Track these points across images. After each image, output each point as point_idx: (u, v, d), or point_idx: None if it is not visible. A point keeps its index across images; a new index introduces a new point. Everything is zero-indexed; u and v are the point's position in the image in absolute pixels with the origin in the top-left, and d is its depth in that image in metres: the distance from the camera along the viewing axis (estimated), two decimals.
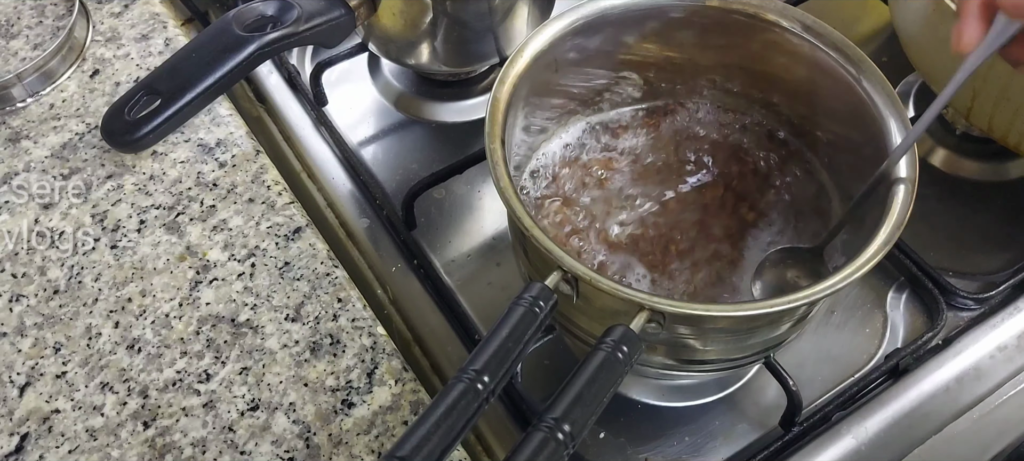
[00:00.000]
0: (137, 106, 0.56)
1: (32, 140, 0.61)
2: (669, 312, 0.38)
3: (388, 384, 0.49)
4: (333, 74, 0.68)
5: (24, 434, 0.48)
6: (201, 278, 0.54)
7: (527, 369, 0.53)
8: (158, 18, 0.69)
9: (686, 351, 0.44)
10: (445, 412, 0.35)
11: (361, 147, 0.66)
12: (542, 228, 0.40)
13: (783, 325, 0.44)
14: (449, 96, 0.69)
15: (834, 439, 0.51)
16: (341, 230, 0.62)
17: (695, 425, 0.52)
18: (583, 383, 0.36)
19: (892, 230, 0.40)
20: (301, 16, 0.58)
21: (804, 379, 0.52)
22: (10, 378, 0.50)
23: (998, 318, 0.56)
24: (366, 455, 0.47)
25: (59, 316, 0.52)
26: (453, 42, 0.63)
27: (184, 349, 0.51)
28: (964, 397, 0.53)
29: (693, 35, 0.51)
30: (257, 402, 0.49)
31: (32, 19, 0.68)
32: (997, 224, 0.60)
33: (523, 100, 0.48)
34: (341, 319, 0.52)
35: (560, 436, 0.34)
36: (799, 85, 0.50)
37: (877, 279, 0.57)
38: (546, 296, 0.39)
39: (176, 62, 0.57)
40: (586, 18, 0.49)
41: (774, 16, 0.49)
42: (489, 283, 0.58)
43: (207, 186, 0.58)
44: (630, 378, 0.50)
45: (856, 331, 0.55)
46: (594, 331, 0.41)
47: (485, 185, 0.63)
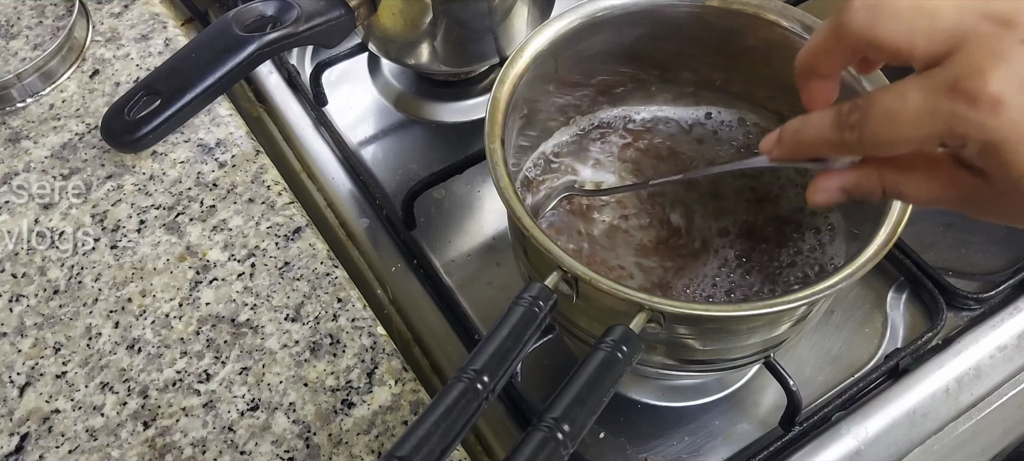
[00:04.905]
0: (137, 106, 0.56)
1: (32, 140, 0.61)
2: (669, 312, 0.38)
3: (388, 384, 0.49)
4: (333, 74, 0.68)
5: (24, 434, 0.48)
6: (201, 278, 0.54)
7: (527, 369, 0.53)
8: (158, 18, 0.69)
9: (686, 351, 0.44)
10: (445, 412, 0.35)
11: (361, 147, 0.66)
12: (541, 228, 0.40)
13: (783, 325, 0.44)
14: (449, 96, 0.69)
15: (834, 439, 0.51)
16: (341, 230, 0.62)
17: (695, 425, 0.52)
18: (583, 383, 0.36)
19: (892, 230, 0.40)
20: (301, 16, 0.58)
21: (804, 379, 0.52)
22: (10, 378, 0.50)
23: (998, 318, 0.56)
24: (366, 455, 0.47)
25: (59, 316, 0.52)
26: (453, 42, 0.63)
27: (184, 349, 0.51)
28: (964, 397, 0.53)
29: (693, 35, 0.51)
30: (257, 402, 0.49)
31: (32, 19, 0.68)
32: (997, 225, 0.60)
33: (523, 100, 0.48)
34: (341, 319, 0.52)
35: (560, 436, 0.34)
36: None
37: (877, 279, 0.57)
38: (546, 296, 0.39)
39: (176, 62, 0.57)
40: (586, 18, 0.49)
41: (774, 16, 0.49)
42: (489, 283, 0.58)
43: (207, 186, 0.58)
44: (630, 378, 0.50)
45: (856, 331, 0.55)
46: (594, 331, 0.41)
47: (485, 185, 0.63)
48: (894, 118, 0.30)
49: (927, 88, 0.30)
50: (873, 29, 0.31)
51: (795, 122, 0.36)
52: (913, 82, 0.30)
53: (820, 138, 0.34)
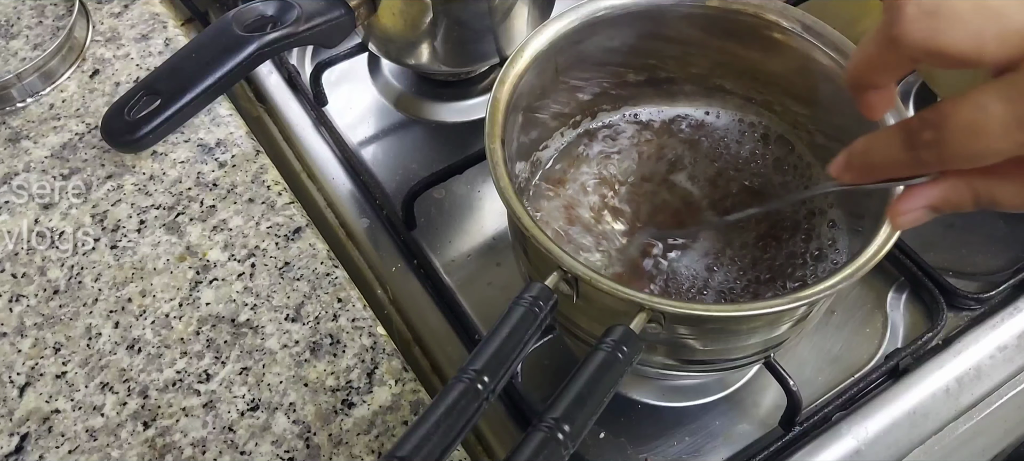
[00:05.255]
0: (137, 106, 0.56)
1: (32, 140, 0.61)
2: (669, 312, 0.38)
3: (388, 384, 0.49)
4: (333, 74, 0.68)
5: (24, 434, 0.48)
6: (201, 278, 0.54)
7: (527, 369, 0.53)
8: (158, 18, 0.69)
9: (686, 351, 0.44)
10: (445, 412, 0.35)
11: (361, 147, 0.66)
12: (541, 228, 0.40)
13: (783, 325, 0.44)
14: (449, 96, 0.69)
15: (834, 439, 0.51)
16: (341, 230, 0.62)
17: (695, 425, 0.52)
18: (583, 383, 0.36)
19: (892, 230, 0.40)
20: (301, 16, 0.58)
21: (804, 379, 0.52)
22: (10, 378, 0.50)
23: (998, 318, 0.56)
24: (366, 455, 0.47)
25: (59, 316, 0.52)
26: (453, 42, 0.63)
27: (184, 349, 0.51)
28: (964, 397, 0.53)
29: (693, 35, 0.51)
30: (257, 402, 0.49)
31: (32, 19, 0.68)
32: (997, 224, 0.60)
33: (523, 100, 0.48)
34: (341, 319, 0.52)
35: (560, 436, 0.34)
36: (799, 85, 0.50)
37: (877, 279, 0.57)
38: (546, 296, 0.39)
39: (176, 62, 0.57)
40: (586, 18, 0.49)
41: (774, 16, 0.49)
42: (489, 283, 0.58)
43: (207, 186, 0.58)
44: (630, 378, 0.50)
45: (856, 331, 0.55)
46: (594, 331, 0.41)
47: (485, 185, 0.63)
48: (978, 132, 0.29)
49: (1009, 96, 0.28)
50: (935, 38, 0.29)
51: (861, 143, 0.34)
52: (991, 90, 0.28)
53: (892, 160, 0.32)
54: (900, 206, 0.34)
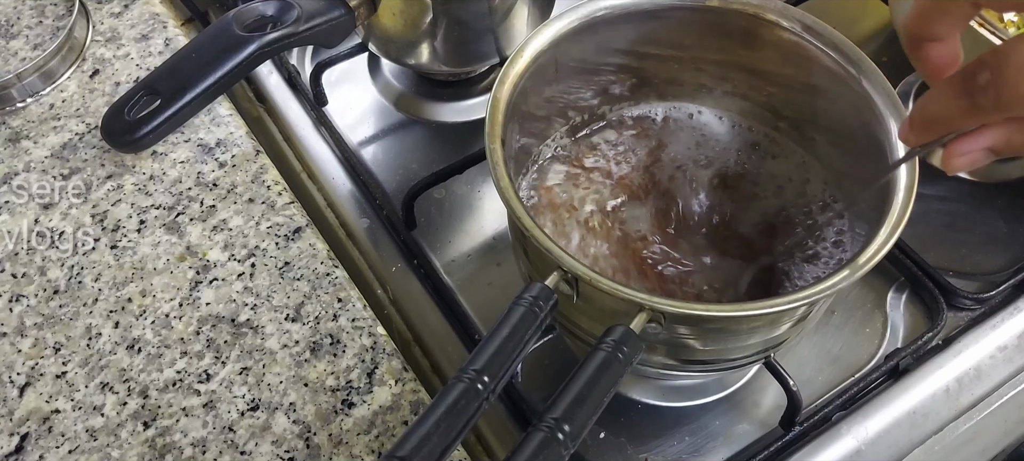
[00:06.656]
0: (137, 106, 0.56)
1: (32, 140, 0.61)
2: (669, 312, 0.38)
3: (388, 384, 0.49)
4: (333, 74, 0.68)
5: (24, 434, 0.48)
6: (201, 278, 0.54)
7: (527, 369, 0.53)
8: (158, 18, 0.69)
9: (686, 351, 0.44)
10: (445, 412, 0.35)
11: (361, 147, 0.66)
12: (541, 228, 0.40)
13: (783, 325, 0.44)
14: (449, 96, 0.69)
15: (834, 439, 0.51)
16: (341, 230, 0.62)
17: (695, 425, 0.52)
18: (583, 383, 0.36)
19: (892, 230, 0.40)
20: (301, 16, 0.58)
21: (804, 379, 0.52)
22: (10, 378, 0.50)
23: (998, 318, 0.56)
24: (366, 455, 0.47)
25: (59, 316, 0.52)
26: (453, 42, 0.63)
27: (184, 349, 0.51)
28: (964, 397, 0.53)
29: (693, 35, 0.51)
30: (257, 402, 0.49)
31: (32, 19, 0.68)
32: (997, 224, 0.60)
33: (524, 100, 0.48)
34: (341, 319, 0.52)
35: (560, 436, 0.34)
36: (799, 85, 0.50)
37: (877, 279, 0.57)
38: (546, 296, 0.39)
39: (176, 62, 0.57)
40: (586, 18, 0.49)
41: (774, 16, 0.49)
42: (489, 283, 0.58)
43: (207, 186, 0.58)
44: (630, 378, 0.50)
45: (856, 331, 0.55)
46: (594, 331, 0.41)
47: (485, 185, 0.63)
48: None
49: None
50: None
51: (920, 102, 0.32)
52: None
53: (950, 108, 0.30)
54: (957, 147, 0.32)
